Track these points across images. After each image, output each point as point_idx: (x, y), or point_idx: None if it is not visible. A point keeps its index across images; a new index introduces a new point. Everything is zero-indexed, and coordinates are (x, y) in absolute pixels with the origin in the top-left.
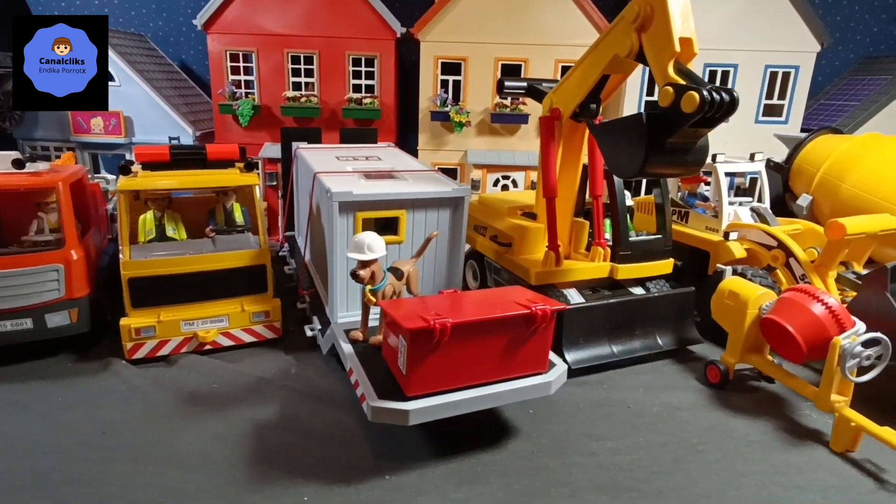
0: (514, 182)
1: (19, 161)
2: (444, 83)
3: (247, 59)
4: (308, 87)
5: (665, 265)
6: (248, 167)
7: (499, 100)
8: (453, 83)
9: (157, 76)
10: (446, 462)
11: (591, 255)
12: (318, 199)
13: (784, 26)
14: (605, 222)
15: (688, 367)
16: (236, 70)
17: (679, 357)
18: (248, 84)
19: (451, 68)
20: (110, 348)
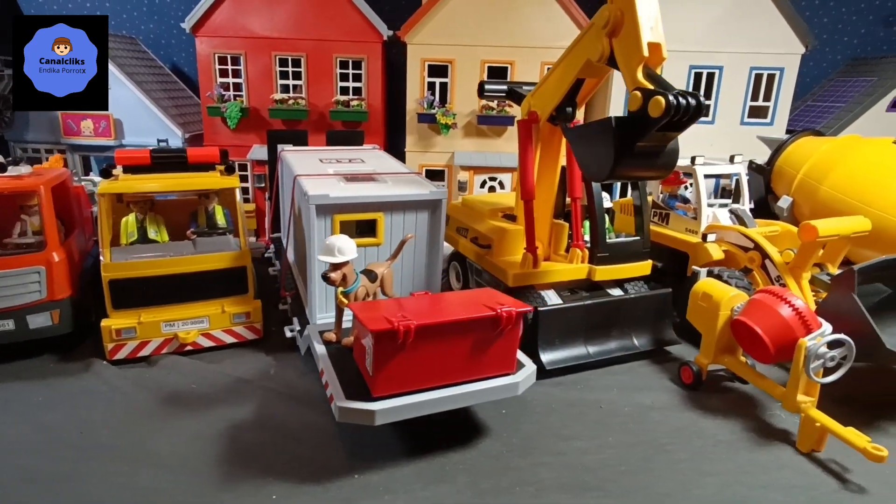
0: (500, 183)
1: (1, 165)
2: (430, 85)
3: (235, 61)
4: (296, 90)
5: (643, 266)
6: (228, 170)
7: (485, 102)
8: (440, 85)
9: (148, 79)
10: (416, 461)
11: (570, 257)
12: (298, 201)
13: (769, 28)
14: (586, 224)
15: (663, 367)
16: (225, 73)
17: (656, 358)
18: (237, 87)
19: (437, 70)
20: (93, 349)
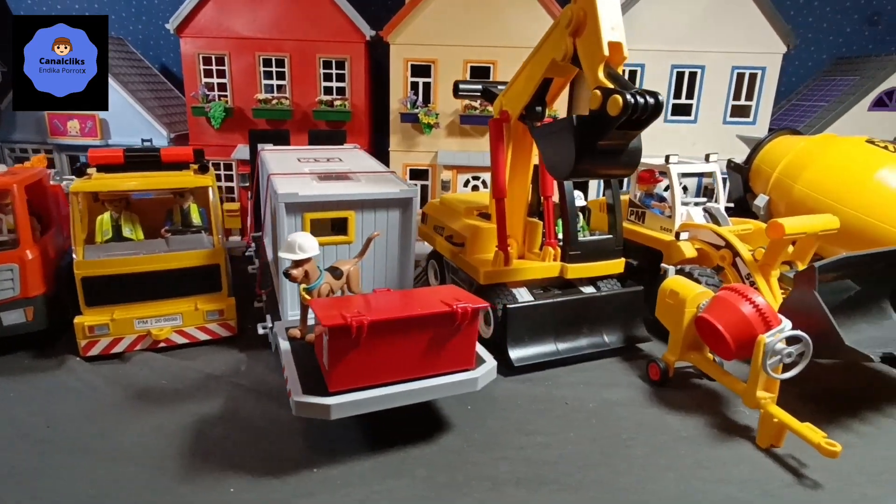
0: (484, 183)
1: None
2: (414, 85)
3: (220, 62)
4: (280, 90)
5: (616, 265)
6: (202, 169)
7: (468, 102)
8: (423, 85)
9: (134, 79)
10: (377, 456)
11: (542, 255)
12: (270, 199)
13: (750, 28)
14: (561, 223)
15: (633, 364)
16: (209, 73)
17: (627, 355)
18: (222, 87)
19: (420, 70)
20: (68, 346)
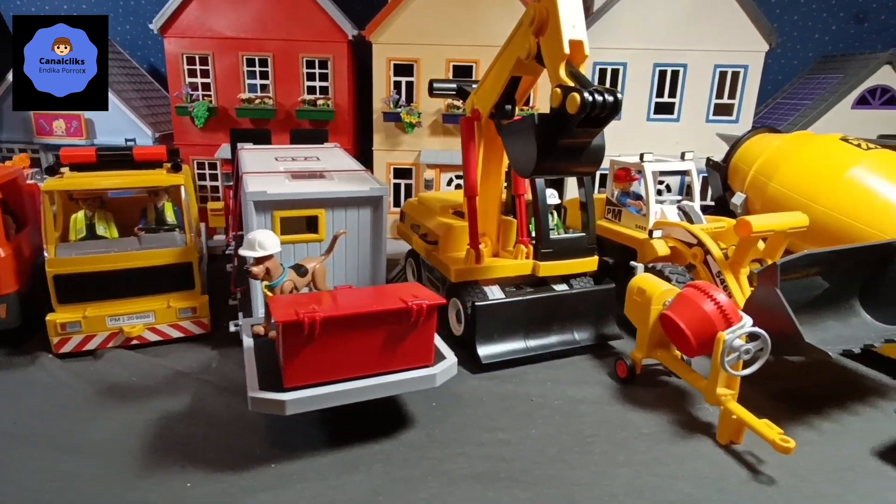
0: None
1: None
2: (396, 84)
3: (203, 61)
4: (263, 90)
5: (589, 263)
6: (175, 167)
7: (450, 101)
8: (406, 84)
9: (120, 79)
10: (337, 451)
11: (514, 253)
12: (242, 198)
13: (732, 26)
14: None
15: (603, 362)
16: (193, 73)
17: (598, 352)
18: (206, 86)
19: (403, 70)
20: (42, 343)
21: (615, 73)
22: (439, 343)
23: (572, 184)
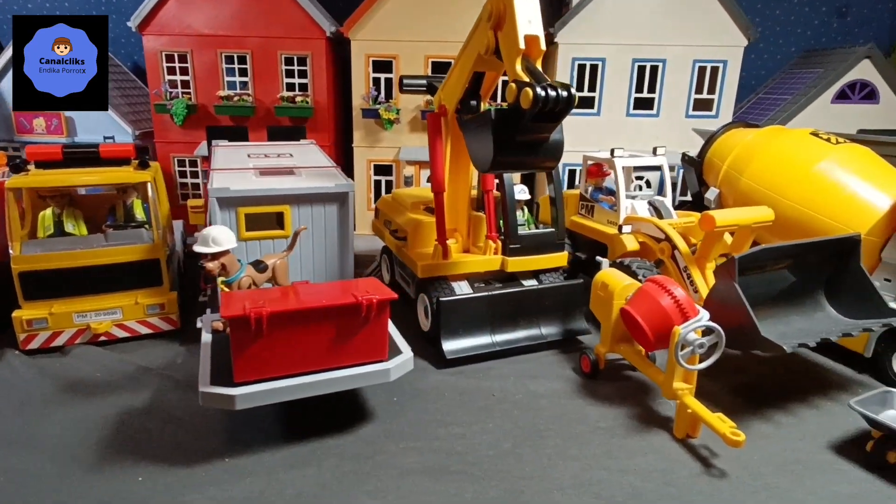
0: None
1: None
2: (375, 81)
3: (182, 59)
4: (242, 87)
5: (558, 258)
6: (142, 165)
7: (429, 97)
8: (385, 81)
9: None
10: (291, 446)
11: (483, 249)
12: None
13: (711, 21)
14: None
15: (570, 357)
16: (172, 70)
17: (565, 347)
18: (185, 84)
19: (382, 66)
20: (9, 340)
21: (594, 68)
22: (396, 338)
23: (541, 180)
